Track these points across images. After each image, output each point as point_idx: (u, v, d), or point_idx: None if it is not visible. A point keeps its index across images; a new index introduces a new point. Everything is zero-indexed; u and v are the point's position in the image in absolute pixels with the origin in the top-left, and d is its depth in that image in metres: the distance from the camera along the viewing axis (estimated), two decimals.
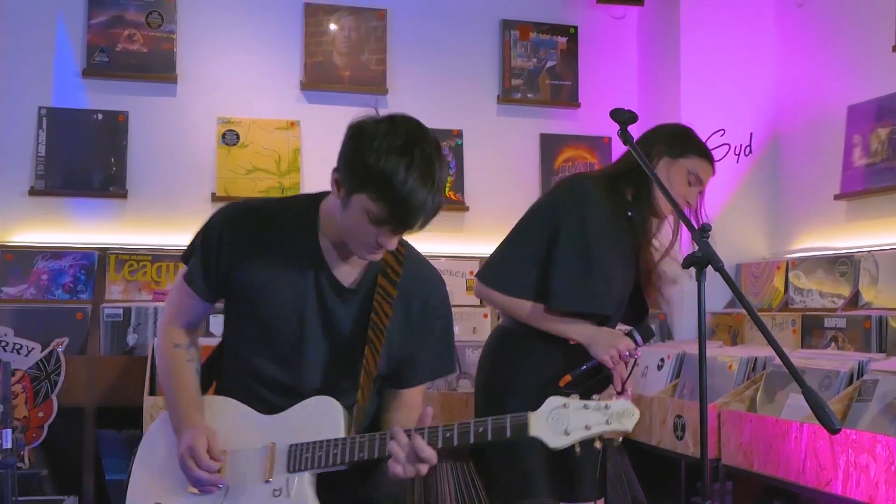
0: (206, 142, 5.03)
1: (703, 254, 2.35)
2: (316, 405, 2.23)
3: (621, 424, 2.02)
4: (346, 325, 2.26)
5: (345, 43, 5.20)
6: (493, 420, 2.06)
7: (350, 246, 2.18)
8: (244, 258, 2.25)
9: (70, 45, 4.91)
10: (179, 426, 2.26)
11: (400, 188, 1.99)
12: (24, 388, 4.03)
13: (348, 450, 2.13)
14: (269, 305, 2.25)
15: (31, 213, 4.81)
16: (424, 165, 2.01)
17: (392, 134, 2.04)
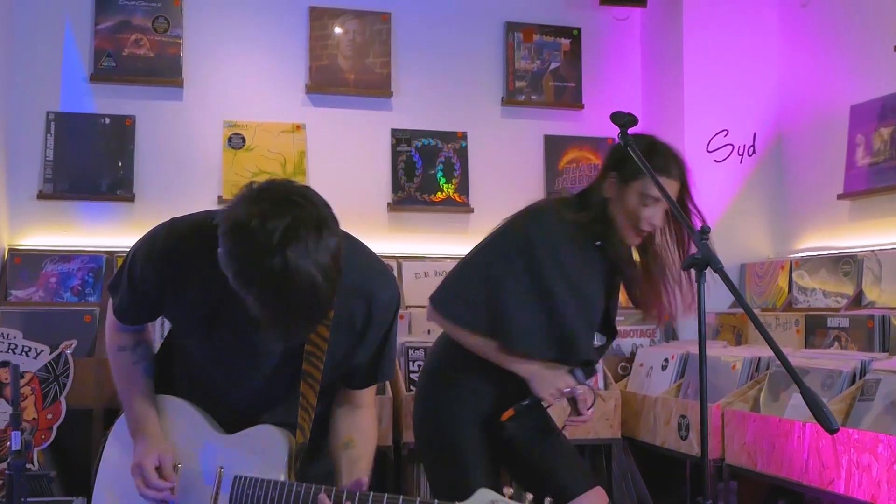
0: (212, 145, 5.06)
1: (702, 255, 2.37)
2: (262, 435, 2.22)
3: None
4: (277, 358, 2.17)
5: (349, 46, 5.23)
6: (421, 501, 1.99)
7: None
8: (166, 296, 2.16)
9: (77, 50, 4.94)
10: (134, 433, 2.25)
11: (276, 322, 1.90)
12: (32, 390, 4.06)
13: (285, 496, 2.10)
14: (202, 337, 2.18)
15: (39, 217, 4.84)
16: (304, 312, 1.90)
17: (268, 266, 1.82)
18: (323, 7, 5.23)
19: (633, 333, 5.02)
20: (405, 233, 5.22)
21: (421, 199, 5.23)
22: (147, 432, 2.23)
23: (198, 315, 2.14)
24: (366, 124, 5.21)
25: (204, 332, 2.16)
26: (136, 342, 2.33)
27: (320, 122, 5.15)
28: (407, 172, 5.24)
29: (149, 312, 2.27)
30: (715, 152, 5.16)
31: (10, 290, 4.62)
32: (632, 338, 5.01)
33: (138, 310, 2.25)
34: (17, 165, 4.82)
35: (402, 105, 5.31)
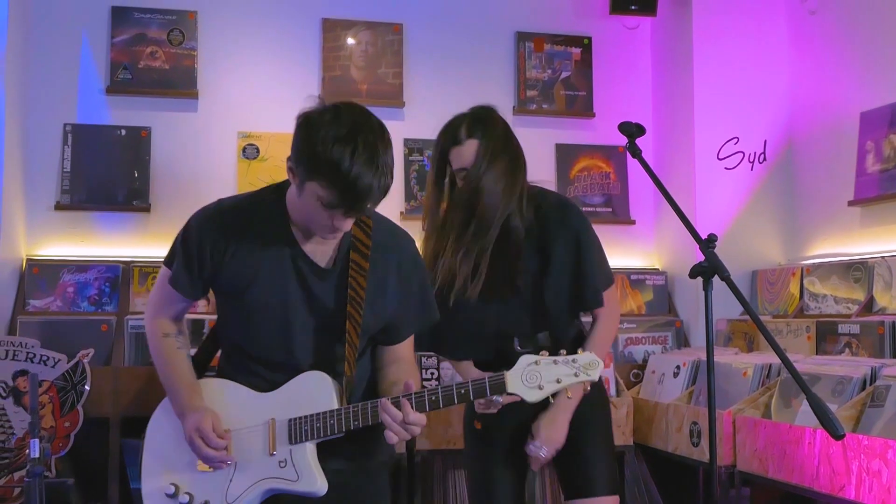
0: (226, 156, 5.11)
1: (709, 264, 2.40)
2: (308, 380, 2.38)
3: (588, 375, 2.22)
4: (328, 301, 2.39)
5: (362, 57, 5.28)
6: (473, 382, 2.25)
7: (311, 229, 2.33)
8: (225, 255, 2.38)
9: (94, 62, 5.00)
10: (182, 410, 2.41)
11: (346, 175, 2.13)
12: (50, 398, 4.10)
13: (343, 420, 2.29)
14: (254, 295, 2.37)
15: (57, 228, 4.89)
16: (368, 151, 2.14)
17: (336, 123, 2.18)
18: (336, 19, 5.28)
19: (645, 341, 5.05)
20: (418, 241, 5.24)
21: None
22: (195, 405, 2.40)
23: (254, 263, 2.37)
24: None
25: (262, 280, 2.36)
26: (179, 331, 2.55)
27: None
28: (420, 181, 5.28)
29: (199, 275, 2.42)
30: (725, 160, 5.18)
31: (28, 299, 4.67)
32: (644, 345, 5.04)
33: (191, 271, 2.41)
34: (35, 177, 4.87)
35: (414, 115, 5.34)
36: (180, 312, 2.57)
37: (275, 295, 2.37)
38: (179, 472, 2.44)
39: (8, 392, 4.04)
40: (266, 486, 2.35)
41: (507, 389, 2.23)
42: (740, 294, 2.41)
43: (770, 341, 2.31)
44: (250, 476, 2.36)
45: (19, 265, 4.73)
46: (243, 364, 2.46)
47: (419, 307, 2.55)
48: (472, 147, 2.91)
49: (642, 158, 2.69)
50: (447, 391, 2.25)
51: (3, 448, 4.00)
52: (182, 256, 2.42)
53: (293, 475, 2.32)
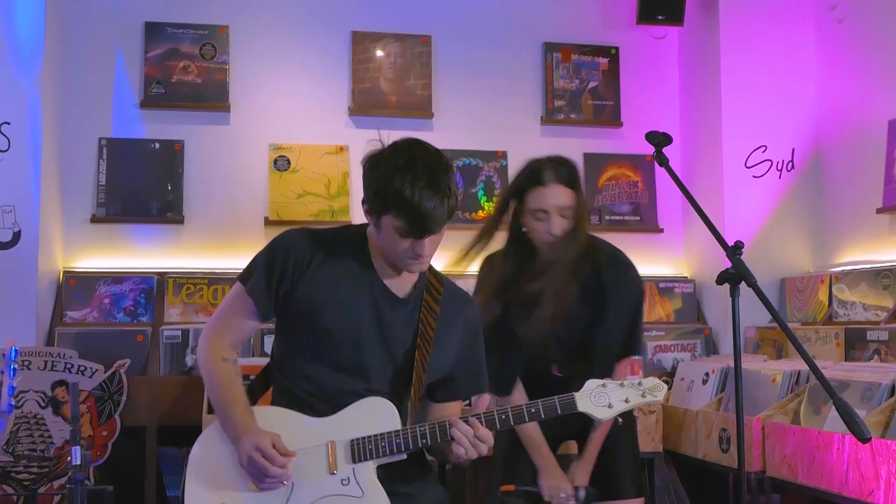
0: (258, 168, 5.17)
1: (736, 270, 2.43)
2: (371, 405, 2.43)
3: (654, 396, 2.46)
4: (399, 331, 2.49)
5: (391, 69, 5.33)
6: (543, 402, 2.40)
7: (394, 262, 2.46)
8: (306, 275, 2.46)
9: (128, 77, 5.08)
10: (238, 434, 2.38)
11: (410, 200, 2.29)
12: (88, 408, 4.16)
13: (410, 438, 2.37)
14: (331, 316, 2.44)
15: (93, 240, 4.96)
16: (427, 176, 2.31)
17: (394, 157, 2.36)
18: (365, 31, 5.34)
19: (674, 348, 5.06)
20: (446, 251, 5.22)
21: (462, 218, 5.30)
22: (252, 427, 2.39)
23: (333, 285, 2.46)
24: None
25: (339, 302, 2.45)
26: (235, 359, 2.56)
27: (363, 143, 5.15)
28: None
29: (277, 291, 2.47)
30: (753, 168, 5.19)
31: (65, 311, 4.74)
32: (673, 352, 5.05)
33: (269, 285, 2.47)
34: (71, 190, 4.95)
35: (442, 125, 5.39)
36: (243, 336, 2.63)
37: (350, 318, 2.45)
38: (230, 494, 2.39)
39: (47, 402, 4.11)
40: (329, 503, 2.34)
41: (578, 408, 2.39)
42: (766, 300, 2.43)
43: (795, 344, 2.33)
44: (311, 494, 2.34)
45: (56, 277, 4.81)
46: (299, 390, 2.48)
47: (475, 373, 2.66)
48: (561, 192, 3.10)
49: (669, 167, 2.72)
50: (517, 410, 2.39)
51: (42, 457, 4.07)
52: (265, 266, 2.49)
53: (358, 492, 2.33)
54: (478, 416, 2.37)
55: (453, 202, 2.35)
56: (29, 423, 4.08)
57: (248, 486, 2.37)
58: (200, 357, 2.55)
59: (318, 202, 5.13)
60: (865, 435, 2.15)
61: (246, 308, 2.51)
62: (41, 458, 4.07)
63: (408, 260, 2.41)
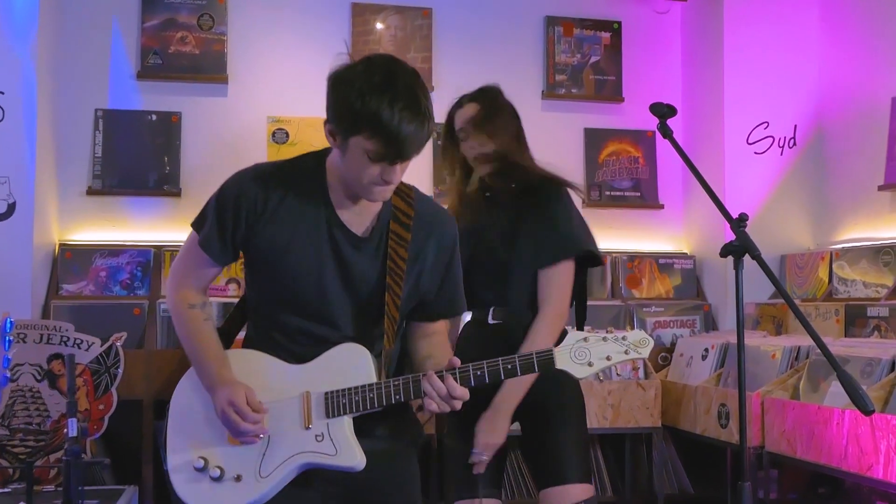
0: (256, 140, 5.13)
1: (740, 243, 2.41)
2: (344, 352, 2.32)
3: (638, 353, 2.21)
4: (364, 272, 2.33)
5: (391, 41, 5.29)
6: (521, 357, 2.22)
7: (358, 191, 2.26)
8: (260, 221, 2.31)
9: (124, 48, 5.04)
10: (212, 384, 2.32)
11: (388, 122, 2.08)
12: (84, 381, 4.14)
13: (384, 393, 2.25)
14: (288, 263, 2.31)
15: (89, 213, 4.94)
16: (408, 96, 2.11)
17: (370, 73, 2.14)
18: (365, 3, 5.29)
19: (673, 324, 5.05)
20: None
21: None
22: (226, 378, 2.32)
23: (289, 231, 2.30)
24: None
25: (297, 249, 2.30)
26: (203, 302, 2.45)
27: None
28: None
29: (231, 240, 2.34)
30: (755, 144, 5.17)
31: (61, 284, 4.72)
32: (672, 328, 5.04)
33: (223, 235, 2.33)
34: (67, 162, 4.93)
35: (443, 99, 5.26)
36: (206, 281, 2.46)
37: (310, 262, 2.31)
38: (208, 446, 2.34)
39: (43, 375, 4.09)
40: (302, 460, 2.29)
41: (556, 365, 2.20)
42: (771, 272, 2.41)
43: (799, 316, 2.31)
44: (285, 450, 2.29)
45: (52, 250, 4.79)
46: (274, 334, 2.38)
47: (451, 295, 2.49)
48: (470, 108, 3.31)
49: (673, 139, 2.69)
50: (493, 366, 2.22)
51: (39, 430, 4.05)
52: (215, 216, 2.33)
53: (331, 449, 2.27)
54: (453, 371, 2.21)
55: (432, 126, 2.16)
56: (25, 397, 4.06)
57: (226, 438, 2.33)
58: (169, 307, 2.45)
59: None
60: (869, 407, 2.13)
61: (202, 258, 2.39)
62: (37, 431, 4.05)
63: (374, 187, 2.22)
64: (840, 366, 2.18)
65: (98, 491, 3.88)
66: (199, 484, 2.33)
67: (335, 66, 2.23)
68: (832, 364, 2.19)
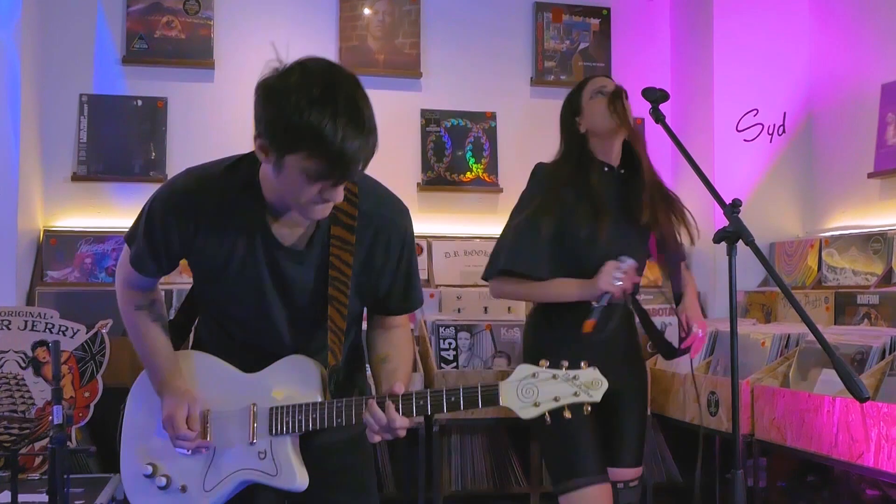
0: (243, 126, 5.01)
1: (733, 229, 2.38)
2: (291, 365, 2.26)
3: (590, 396, 2.05)
4: (305, 286, 2.20)
5: (379, 27, 5.25)
6: (465, 390, 2.10)
7: (295, 209, 2.08)
8: (195, 239, 2.17)
9: (110, 32, 4.99)
10: (160, 389, 2.29)
11: (331, 140, 1.88)
12: (70, 368, 4.10)
13: (326, 416, 2.17)
14: (226, 284, 2.21)
15: (73, 199, 4.90)
16: (350, 110, 1.90)
17: (307, 85, 1.92)
18: None
19: (662, 312, 5.03)
20: (435, 213, 5.24)
21: (450, 180, 5.26)
22: (173, 386, 2.28)
23: (224, 252, 2.17)
24: (395, 105, 5.22)
25: (233, 269, 2.18)
26: (151, 301, 2.36)
27: None
28: (436, 153, 5.27)
29: (166, 259, 2.24)
30: (745, 132, 5.15)
31: (46, 270, 4.68)
32: (661, 316, 5.02)
33: (156, 257, 2.23)
34: (51, 148, 4.88)
35: (431, 85, 5.33)
36: (150, 285, 2.35)
37: (248, 283, 2.19)
38: (157, 453, 2.33)
39: (27, 363, 4.06)
40: (243, 477, 2.25)
41: (500, 402, 2.07)
42: (764, 258, 2.38)
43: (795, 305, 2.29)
44: (229, 465, 2.27)
45: (37, 236, 4.74)
46: (224, 339, 2.34)
47: (404, 292, 2.34)
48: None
49: (666, 124, 2.68)
50: (436, 397, 2.11)
51: (23, 418, 4.01)
52: (145, 240, 2.21)
53: (272, 469, 2.23)
54: (395, 399, 2.10)
55: (375, 140, 1.95)
56: (9, 384, 4.02)
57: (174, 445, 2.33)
58: (119, 307, 2.36)
59: None
60: (864, 394, 2.11)
61: (135, 274, 2.30)
62: (22, 419, 4.01)
63: (311, 207, 2.03)
64: (835, 353, 2.16)
65: (84, 479, 3.85)
66: (148, 492, 2.34)
67: (265, 73, 2.03)
68: (827, 351, 2.17)
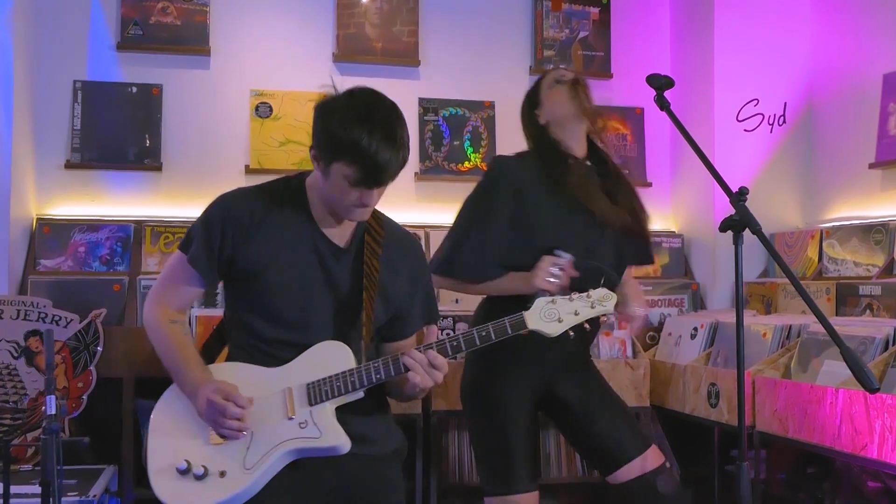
0: (239, 114, 5.05)
1: (740, 217, 2.35)
2: (324, 349, 2.44)
3: (604, 307, 2.44)
4: (345, 279, 2.51)
5: (377, 14, 5.20)
6: (493, 324, 2.43)
7: (338, 211, 2.47)
8: (246, 239, 2.47)
9: (104, 18, 4.93)
10: (195, 387, 2.42)
11: (366, 150, 2.28)
12: (63, 358, 4.07)
13: (364, 374, 2.39)
14: (272, 275, 2.47)
15: (67, 187, 4.84)
16: (385, 127, 2.31)
17: (351, 106, 2.35)
18: None
19: (661, 303, 5.01)
20: (432, 202, 5.19)
21: (448, 169, 5.22)
22: (209, 380, 2.42)
23: (274, 245, 2.48)
24: (393, 93, 5.04)
25: (282, 261, 2.47)
26: (184, 321, 2.60)
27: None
28: (434, 142, 5.22)
29: (219, 257, 2.49)
30: (745, 122, 5.11)
31: (38, 259, 4.63)
32: (660, 307, 5.00)
33: (210, 254, 2.49)
34: (44, 135, 4.83)
35: (429, 74, 5.28)
36: (187, 301, 2.62)
37: (294, 275, 2.47)
38: (191, 449, 2.40)
39: (20, 352, 4.02)
40: (288, 447, 2.34)
41: (528, 326, 2.41)
42: (772, 247, 2.36)
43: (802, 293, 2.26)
44: (269, 441, 2.35)
45: (29, 224, 4.69)
46: (253, 343, 2.50)
47: (424, 307, 2.66)
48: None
49: (671, 111, 2.64)
50: (468, 335, 2.42)
51: (15, 409, 3.98)
52: (203, 235, 2.49)
53: (316, 433, 2.34)
54: (429, 345, 2.41)
55: (406, 155, 2.37)
56: (1, 375, 3.99)
57: (209, 439, 2.38)
58: (149, 324, 2.57)
59: (301, 150, 5.01)
60: (873, 385, 2.08)
61: (189, 276, 2.54)
62: (14, 409, 3.98)
63: (353, 209, 2.43)
64: (844, 342, 2.13)
65: (77, 470, 3.83)
66: (183, 484, 2.37)
67: (321, 97, 2.45)
68: (836, 341, 2.13)
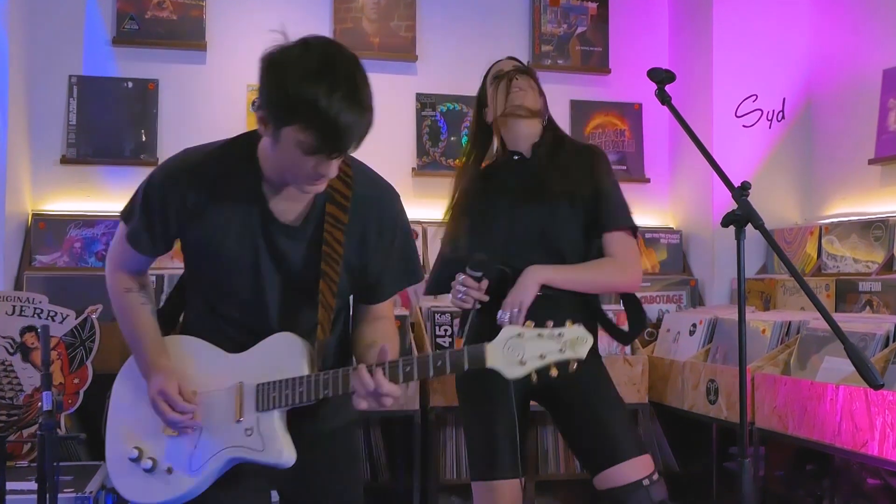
0: (235, 109, 5.02)
1: (742, 212, 2.33)
2: (278, 342, 2.24)
3: (575, 352, 2.03)
4: (298, 261, 2.23)
5: (374, 9, 5.18)
6: (451, 353, 2.08)
7: (290, 182, 2.13)
8: (190, 215, 2.21)
9: (100, 13, 4.90)
10: (147, 371, 2.28)
11: (325, 113, 1.92)
12: (59, 354, 4.05)
13: (313, 387, 2.16)
14: (222, 260, 2.23)
15: (63, 182, 4.82)
16: (346, 85, 1.94)
17: (306, 58, 1.97)
18: None
19: (659, 299, 5.00)
20: (430, 198, 5.16)
21: (446, 165, 5.19)
22: (160, 365, 2.27)
23: (221, 225, 2.21)
24: (390, 88, 5.14)
25: (230, 243, 2.21)
26: (141, 285, 2.39)
27: None
28: (432, 137, 5.20)
29: (162, 235, 2.27)
30: (744, 117, 5.10)
31: (34, 255, 4.61)
32: (658, 304, 4.98)
33: (152, 231, 2.25)
34: (40, 130, 4.80)
35: (427, 69, 5.26)
36: (142, 267, 2.39)
37: (244, 257, 2.22)
38: (143, 436, 2.32)
39: (15, 348, 4.01)
40: (231, 455, 2.24)
41: (487, 363, 2.05)
42: (774, 242, 2.34)
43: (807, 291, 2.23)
44: (216, 443, 2.25)
45: (25, 220, 4.67)
46: (213, 321, 2.32)
47: (401, 267, 2.38)
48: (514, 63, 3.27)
49: (672, 105, 2.62)
50: (423, 362, 2.10)
51: (11, 405, 3.97)
52: (142, 215, 2.25)
53: (259, 445, 2.21)
54: (382, 366, 2.10)
55: (371, 118, 1.99)
56: None
57: (160, 428, 2.30)
58: (109, 290, 2.38)
59: None
60: (878, 381, 2.06)
61: (132, 251, 2.32)
62: (10, 405, 3.97)
63: (306, 181, 2.08)
64: (847, 338, 2.11)
65: (73, 467, 3.81)
66: (133, 475, 2.32)
67: (268, 48, 2.06)
68: (840, 337, 2.12)
